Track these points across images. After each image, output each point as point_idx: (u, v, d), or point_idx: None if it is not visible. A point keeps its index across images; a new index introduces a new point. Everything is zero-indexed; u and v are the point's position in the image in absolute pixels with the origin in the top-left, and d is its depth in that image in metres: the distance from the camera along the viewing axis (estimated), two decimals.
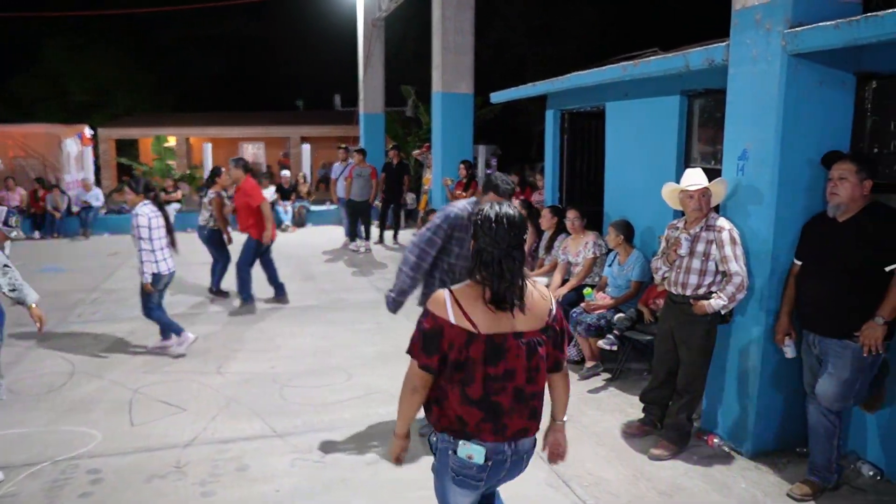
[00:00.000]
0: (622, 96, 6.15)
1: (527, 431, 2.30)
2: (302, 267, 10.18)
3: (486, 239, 2.20)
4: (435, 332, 2.21)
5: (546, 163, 7.72)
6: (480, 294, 2.20)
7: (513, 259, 2.19)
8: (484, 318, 2.19)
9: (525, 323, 2.23)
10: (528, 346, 2.22)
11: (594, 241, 6.05)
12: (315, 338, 6.55)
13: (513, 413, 2.23)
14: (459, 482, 2.30)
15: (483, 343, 2.17)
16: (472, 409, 2.21)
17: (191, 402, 4.95)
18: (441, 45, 9.55)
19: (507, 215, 2.22)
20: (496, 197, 3.87)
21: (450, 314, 2.20)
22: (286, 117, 25.85)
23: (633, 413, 4.77)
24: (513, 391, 2.21)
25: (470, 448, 2.24)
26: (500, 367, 2.19)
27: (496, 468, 2.28)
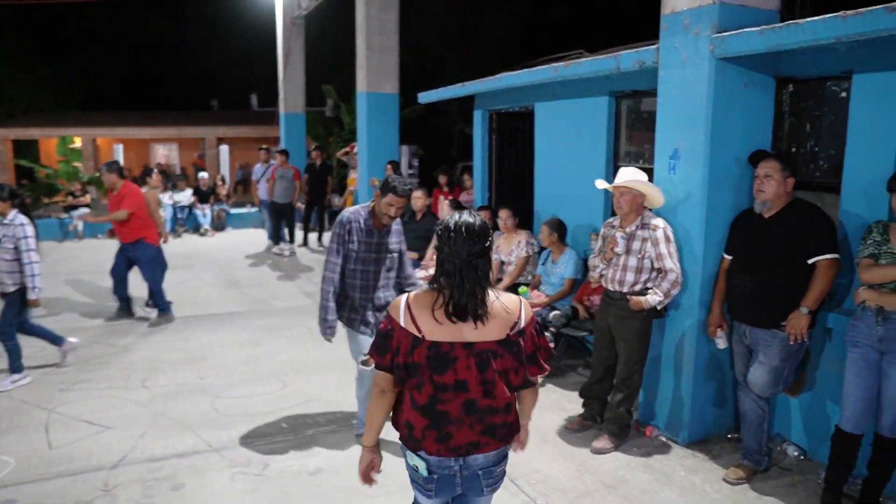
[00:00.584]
0: (551, 97, 6.25)
1: (477, 446, 2.22)
2: (225, 272, 9.83)
3: (446, 248, 2.17)
4: (388, 333, 2.23)
5: (475, 163, 7.76)
6: (432, 301, 2.18)
7: (474, 269, 2.16)
8: (430, 324, 2.17)
9: (478, 334, 2.17)
10: (480, 358, 2.17)
11: (527, 240, 6.12)
12: (245, 346, 6.33)
13: (461, 424, 2.19)
14: (415, 487, 2.36)
15: (426, 349, 2.16)
16: (418, 415, 2.21)
17: (116, 420, 4.67)
18: (365, 45, 9.43)
19: (466, 224, 2.18)
20: (395, 198, 3.93)
21: (401, 317, 2.21)
22: (201, 117, 24.94)
23: (572, 409, 4.85)
24: (463, 403, 2.18)
25: (415, 459, 2.26)
26: (449, 377, 2.16)
27: (445, 483, 2.26)
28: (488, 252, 2.22)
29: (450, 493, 2.31)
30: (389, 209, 3.99)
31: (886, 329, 3.22)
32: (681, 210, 4.17)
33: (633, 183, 4.08)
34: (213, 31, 31.48)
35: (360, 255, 4.09)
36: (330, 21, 23.86)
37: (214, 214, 14.25)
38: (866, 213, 3.68)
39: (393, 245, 4.21)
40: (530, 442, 4.34)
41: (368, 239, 4.08)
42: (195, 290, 8.50)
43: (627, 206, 4.15)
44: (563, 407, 4.92)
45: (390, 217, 4.06)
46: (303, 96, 14.78)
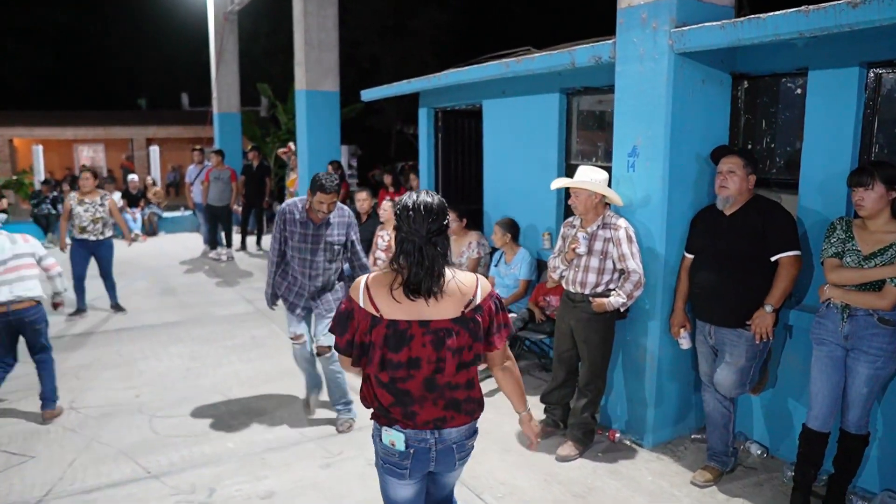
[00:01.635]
0: (500, 94, 6.11)
1: (444, 421, 2.24)
2: (159, 279, 9.33)
3: (405, 227, 2.19)
4: (348, 314, 2.25)
5: (420, 162, 7.56)
6: (391, 281, 2.20)
7: (434, 245, 2.18)
8: (388, 303, 2.19)
9: (434, 311, 2.19)
10: (435, 336, 2.17)
11: (477, 241, 5.97)
12: (182, 358, 5.95)
13: (424, 402, 2.22)
14: (387, 470, 2.33)
15: (385, 328, 2.18)
16: (384, 392, 2.25)
17: (40, 447, 4.26)
18: (304, 41, 9.10)
19: (424, 202, 2.20)
20: (324, 196, 4.11)
21: (360, 297, 2.23)
22: (129, 117, 23.89)
23: (535, 414, 4.70)
24: (422, 380, 2.20)
25: (392, 434, 2.26)
26: (403, 354, 2.18)
27: (420, 456, 2.27)
28: (446, 230, 2.24)
29: (423, 468, 2.31)
30: (321, 206, 4.16)
31: (852, 326, 3.20)
32: (640, 208, 4.08)
33: (585, 183, 3.96)
34: (138, 26, 30.24)
35: (296, 244, 4.32)
36: (262, 17, 23.24)
37: (145, 218, 13.59)
38: (824, 209, 3.67)
39: (333, 237, 4.35)
40: (492, 451, 4.23)
41: (304, 230, 4.29)
42: (127, 298, 7.98)
43: (582, 206, 4.03)
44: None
45: (324, 213, 4.22)
46: (237, 95, 14.27)
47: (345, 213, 4.42)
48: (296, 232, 4.29)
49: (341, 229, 4.38)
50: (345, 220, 4.41)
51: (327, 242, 4.32)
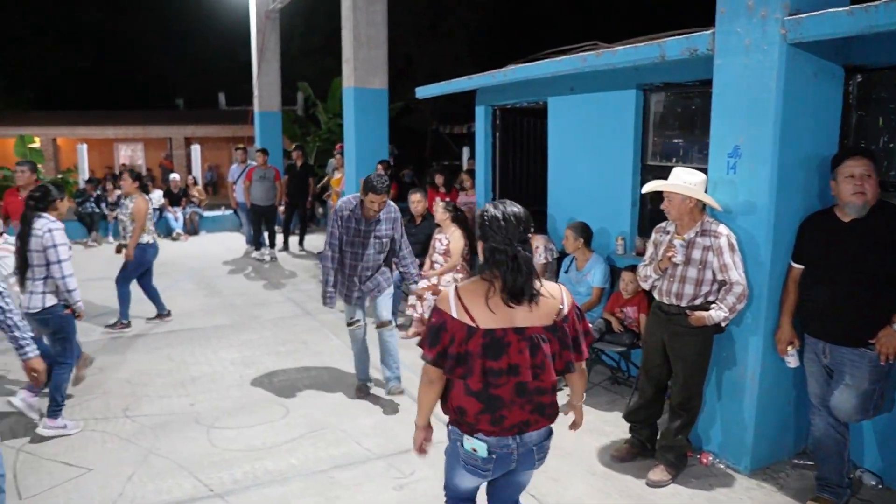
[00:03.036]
0: (567, 91, 5.80)
1: (528, 424, 2.31)
2: (204, 280, 9.17)
3: (497, 237, 2.25)
4: (439, 326, 2.27)
5: (477, 162, 7.27)
6: (485, 290, 2.25)
7: (525, 252, 2.25)
8: (484, 313, 2.24)
9: (528, 319, 2.25)
10: (531, 342, 2.24)
11: (545, 246, 5.66)
12: (235, 364, 5.74)
13: (513, 406, 2.28)
14: (469, 469, 2.40)
15: (482, 337, 2.23)
16: (471, 400, 2.28)
17: (97, 459, 4.06)
18: (352, 38, 8.86)
19: (514, 213, 2.29)
20: (375, 196, 4.48)
21: (452, 309, 2.27)
22: (167, 116, 24.03)
23: (611, 432, 4.41)
24: (514, 386, 2.26)
25: (473, 443, 2.32)
26: (503, 362, 2.23)
27: (502, 460, 2.34)
28: (530, 239, 2.31)
29: (504, 469, 2.38)
30: (372, 205, 4.55)
31: None
32: (743, 214, 3.74)
33: (678, 187, 3.64)
34: (176, 27, 30.42)
35: (350, 239, 4.69)
36: (297, 18, 23.14)
37: (187, 218, 13.51)
38: None
39: (382, 233, 4.74)
40: (577, 474, 3.92)
41: (357, 226, 4.67)
42: (174, 300, 7.82)
43: (676, 211, 3.71)
44: (601, 430, 4.46)
45: (374, 212, 4.61)
46: (278, 94, 14.13)
47: (391, 210, 4.78)
48: (351, 228, 4.66)
49: (388, 224, 4.76)
50: (391, 215, 4.78)
51: (376, 237, 4.70)
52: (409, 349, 6.07)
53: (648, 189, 3.89)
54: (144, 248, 6.66)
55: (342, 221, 4.66)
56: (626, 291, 4.88)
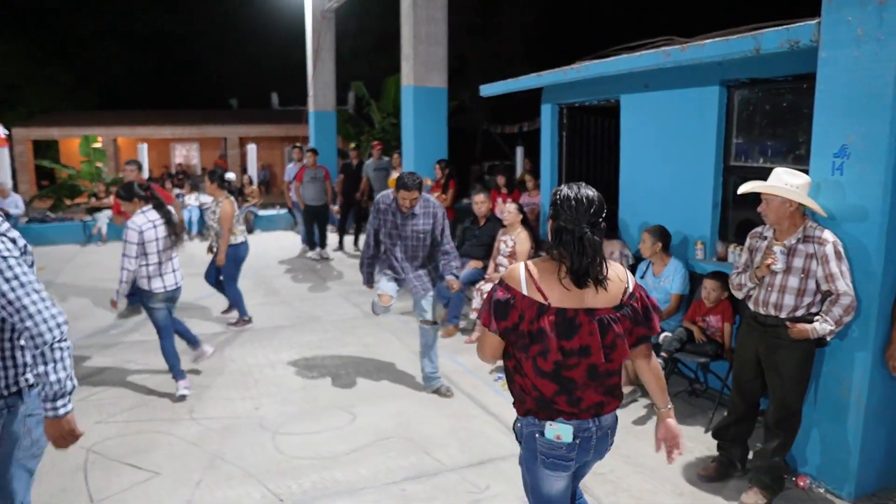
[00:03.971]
0: (641, 88, 5.54)
1: (603, 406, 2.31)
2: (262, 279, 9.18)
3: (567, 216, 2.22)
4: (507, 302, 2.24)
5: (542, 162, 7.05)
6: (556, 269, 2.24)
7: (593, 236, 2.21)
8: (555, 291, 2.22)
9: (598, 300, 2.24)
10: (601, 324, 2.23)
11: (620, 251, 5.41)
12: (297, 367, 5.65)
13: (587, 388, 2.26)
14: (550, 465, 2.32)
15: (554, 315, 2.21)
16: (545, 382, 2.26)
17: (164, 463, 4.00)
18: (412, 35, 8.73)
19: (587, 195, 2.25)
20: (406, 192, 4.74)
21: (523, 286, 2.24)
22: (222, 116, 24.41)
23: (695, 448, 4.15)
24: (587, 367, 2.24)
25: (558, 428, 2.27)
26: (575, 342, 2.21)
27: (584, 445, 2.31)
28: (602, 223, 2.26)
29: (584, 457, 2.35)
30: (404, 202, 4.81)
31: None
32: (851, 219, 3.44)
33: (776, 188, 3.37)
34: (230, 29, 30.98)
35: (388, 231, 4.97)
36: (349, 18, 23.23)
37: (242, 216, 13.60)
38: None
39: (419, 227, 4.95)
40: (663, 495, 3.70)
41: (394, 219, 4.93)
42: None
43: (774, 215, 3.44)
44: (683, 446, 4.18)
45: (407, 208, 4.84)
46: (333, 93, 14.11)
47: (430, 205, 4.96)
48: (388, 220, 4.94)
49: (427, 219, 4.95)
50: (430, 210, 4.95)
51: (413, 230, 4.93)
52: (473, 352, 5.89)
53: (745, 190, 3.62)
54: (237, 248, 6.78)
55: (380, 214, 4.97)
56: (709, 300, 4.61)
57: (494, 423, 4.51)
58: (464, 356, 5.87)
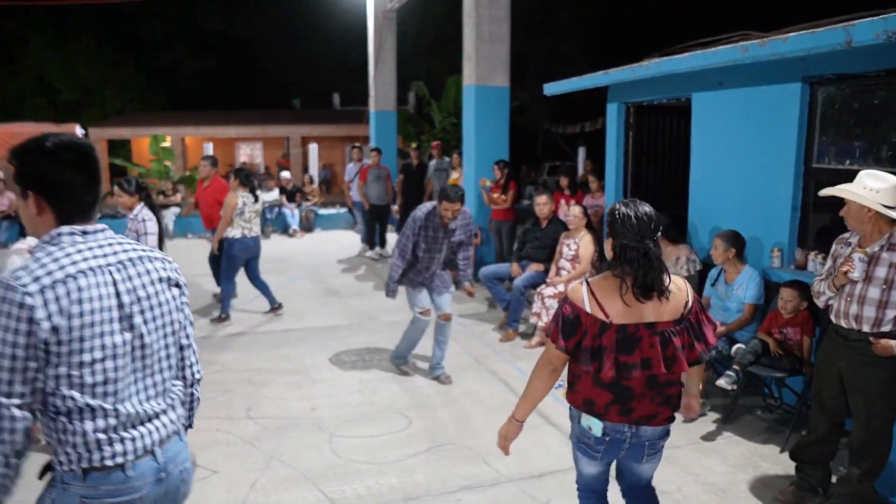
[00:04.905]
0: (715, 86, 5.27)
1: (653, 417, 2.38)
2: (320, 278, 9.23)
3: (629, 235, 2.30)
4: (575, 319, 2.33)
5: (607, 163, 6.82)
6: (617, 286, 2.31)
7: (655, 249, 2.31)
8: (616, 309, 2.30)
9: (658, 314, 2.32)
10: (662, 337, 2.31)
11: (687, 257, 5.17)
12: (355, 368, 5.62)
13: (643, 398, 2.35)
14: (581, 449, 2.51)
15: (615, 332, 2.29)
16: (602, 392, 2.36)
17: (222, 461, 4.00)
18: (474, 35, 8.61)
19: (645, 212, 2.34)
20: (448, 203, 4.80)
21: (585, 304, 2.33)
22: (285, 116, 24.87)
23: (768, 468, 3.90)
24: (646, 378, 2.32)
25: (590, 420, 2.41)
26: (636, 356, 2.29)
27: (613, 445, 2.42)
28: (659, 238, 2.36)
29: (613, 456, 2.48)
30: (447, 213, 4.86)
31: None
32: None
33: (853, 194, 3.11)
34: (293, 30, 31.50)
35: (427, 244, 5.02)
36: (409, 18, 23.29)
37: (302, 215, 13.79)
38: None
39: (455, 238, 5.11)
40: None
41: (434, 233, 5.00)
42: (291, 298, 7.89)
43: (853, 220, 3.20)
44: (756, 465, 3.95)
45: (449, 218, 4.89)
46: (394, 93, 14.13)
47: (466, 216, 5.09)
48: (428, 235, 4.99)
49: (462, 230, 5.12)
50: (465, 221, 5.12)
51: (451, 242, 5.09)
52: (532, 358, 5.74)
53: (825, 193, 3.37)
54: (231, 243, 6.76)
55: (417, 228, 4.98)
56: (786, 310, 4.33)
57: (555, 434, 4.35)
58: (523, 362, 5.72)
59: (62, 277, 1.63)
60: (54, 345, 1.62)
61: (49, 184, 1.71)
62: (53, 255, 1.66)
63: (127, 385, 1.75)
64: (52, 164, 1.70)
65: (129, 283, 1.77)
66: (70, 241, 1.70)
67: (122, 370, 1.74)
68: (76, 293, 1.64)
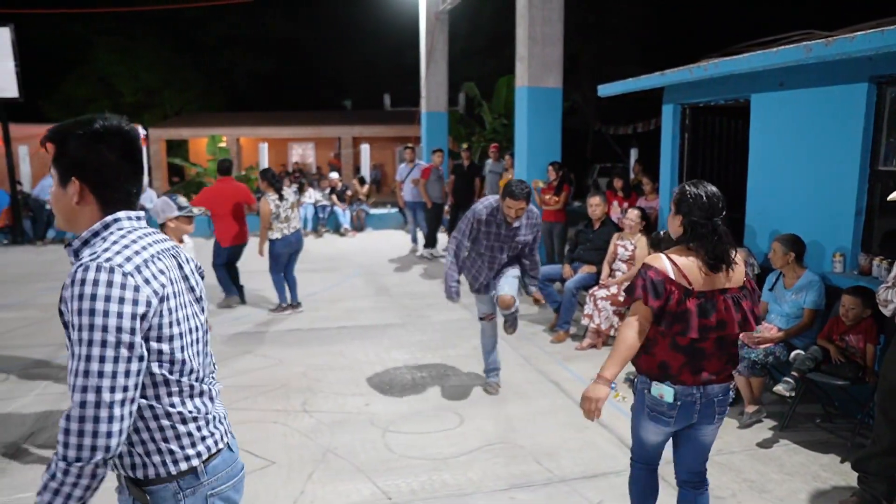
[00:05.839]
0: (775, 87, 5.18)
1: (719, 374, 2.62)
2: (372, 277, 9.37)
3: (699, 212, 2.53)
4: (661, 283, 2.53)
5: (662, 165, 6.76)
6: (692, 257, 2.55)
7: (723, 226, 2.56)
8: (696, 276, 2.54)
9: (728, 281, 2.59)
10: (734, 301, 2.58)
11: (745, 260, 5.06)
12: (407, 366, 5.70)
13: (712, 357, 2.60)
14: (653, 417, 2.66)
15: (696, 297, 2.52)
16: (677, 355, 2.58)
17: (279, 453, 4.13)
18: (527, 36, 8.62)
19: (713, 191, 2.58)
20: (513, 201, 4.48)
21: (669, 271, 2.54)
22: (337, 117, 25.28)
23: (828, 478, 3.81)
24: (717, 339, 2.59)
25: (661, 388, 2.60)
26: (713, 319, 2.54)
27: (685, 409, 2.60)
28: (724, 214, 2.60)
29: (686, 420, 2.64)
30: (510, 211, 4.55)
31: None
32: None
33: None
34: (345, 32, 31.94)
35: (489, 242, 4.72)
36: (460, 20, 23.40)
37: (354, 215, 14.01)
38: None
39: (520, 237, 4.77)
40: None
41: (497, 230, 4.68)
42: (344, 296, 8.05)
43: None
44: (816, 475, 3.87)
45: (513, 218, 4.59)
46: (445, 94, 14.23)
47: (533, 216, 4.78)
48: (490, 232, 4.69)
49: (528, 231, 4.78)
50: (532, 221, 4.78)
51: (515, 242, 4.75)
52: (584, 360, 5.74)
53: (893, 198, 3.30)
54: (272, 243, 7.15)
55: (479, 224, 4.69)
56: (847, 318, 4.22)
57: (608, 436, 4.34)
58: (575, 363, 5.72)
59: (147, 257, 1.55)
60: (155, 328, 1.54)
61: (95, 170, 1.57)
62: (127, 239, 1.56)
63: (203, 366, 1.73)
64: (101, 150, 1.56)
65: (187, 266, 1.73)
66: (131, 227, 1.60)
67: (201, 351, 1.72)
68: (161, 275, 1.56)
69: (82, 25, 26.96)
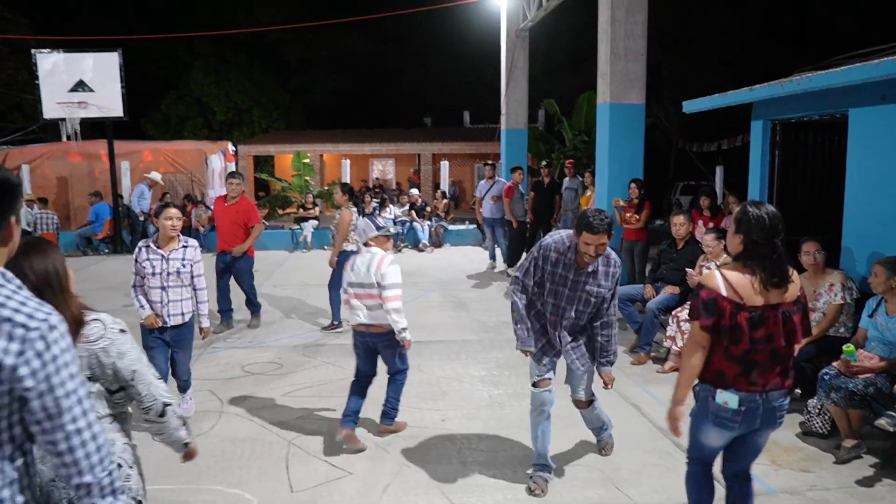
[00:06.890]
0: (877, 100, 4.90)
1: (777, 385, 2.74)
2: (450, 293, 9.42)
3: (760, 233, 2.64)
4: (712, 301, 2.68)
5: (750, 183, 6.50)
6: (748, 274, 2.67)
7: (781, 247, 2.66)
8: (748, 292, 2.65)
9: (781, 297, 2.68)
10: (784, 316, 2.68)
11: (842, 284, 4.81)
12: (484, 383, 5.68)
13: (765, 369, 2.71)
14: (718, 423, 2.79)
15: (748, 312, 2.64)
16: (732, 365, 2.72)
17: (356, 463, 4.19)
18: (609, 51, 8.51)
19: (774, 213, 2.68)
20: (591, 236, 3.46)
21: (721, 288, 2.68)
22: (416, 134, 25.70)
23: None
24: (770, 352, 2.69)
25: (726, 395, 2.72)
26: (762, 332, 2.66)
27: (749, 414, 2.73)
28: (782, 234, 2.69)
29: (749, 425, 2.76)
30: (588, 248, 3.52)
31: None
32: None
33: None
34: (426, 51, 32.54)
35: (553, 287, 3.73)
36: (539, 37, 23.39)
37: (432, 230, 14.15)
38: None
39: (595, 287, 3.69)
40: None
41: (565, 273, 3.68)
42: (422, 310, 8.12)
43: None
44: None
45: (590, 256, 3.56)
46: (525, 111, 14.22)
47: (612, 263, 3.72)
48: (557, 273, 3.69)
49: (606, 280, 3.71)
50: (611, 270, 3.71)
51: (587, 292, 3.68)
52: (665, 383, 5.55)
53: None
54: (348, 255, 6.91)
55: (545, 263, 3.70)
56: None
57: None
58: (656, 386, 5.55)
59: None
60: None
61: None
62: None
63: None
64: None
65: None
66: None
67: None
68: None
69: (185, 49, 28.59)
